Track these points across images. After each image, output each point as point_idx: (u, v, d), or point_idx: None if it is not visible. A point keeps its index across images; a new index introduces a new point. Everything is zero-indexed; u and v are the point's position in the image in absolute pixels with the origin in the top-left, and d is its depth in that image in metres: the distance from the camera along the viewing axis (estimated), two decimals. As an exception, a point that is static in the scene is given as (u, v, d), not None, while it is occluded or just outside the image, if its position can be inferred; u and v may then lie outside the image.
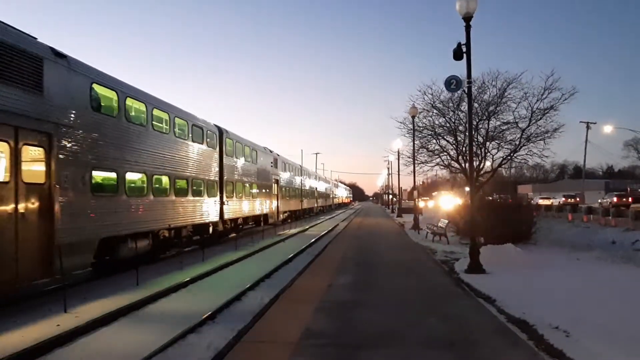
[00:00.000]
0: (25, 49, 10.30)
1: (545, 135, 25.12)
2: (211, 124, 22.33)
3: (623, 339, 6.66)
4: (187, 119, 19.31)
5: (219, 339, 8.01)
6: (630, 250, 17.56)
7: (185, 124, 19.07)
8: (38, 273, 10.27)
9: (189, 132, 19.24)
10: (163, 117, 17.25)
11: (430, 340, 6.87)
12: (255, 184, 29.40)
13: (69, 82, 11.71)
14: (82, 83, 12.35)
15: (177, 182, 17.84)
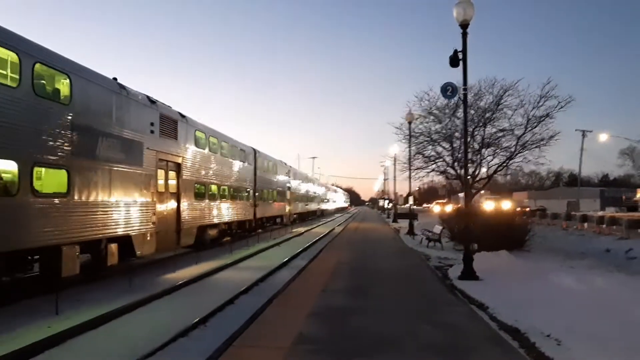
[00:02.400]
0: (171, 116, 17.59)
1: (540, 143, 25.11)
2: (249, 146, 29.59)
3: (614, 349, 6.65)
4: (237, 145, 26.88)
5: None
6: (624, 259, 17.54)
7: (237, 149, 26.76)
8: (175, 243, 17.81)
9: (237, 155, 26.53)
10: (225, 145, 24.57)
11: (423, 347, 6.86)
12: (276, 190, 36.86)
13: (186, 131, 18.96)
14: (190, 131, 19.53)
15: (231, 191, 24.96)
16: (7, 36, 9.84)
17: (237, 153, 26.38)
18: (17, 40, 10.15)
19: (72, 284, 12.02)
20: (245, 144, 28.74)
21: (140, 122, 15.06)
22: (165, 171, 16.94)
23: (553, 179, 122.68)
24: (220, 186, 22.79)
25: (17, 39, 10.16)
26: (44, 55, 10.98)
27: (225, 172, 24.00)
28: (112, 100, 13.52)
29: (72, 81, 11.76)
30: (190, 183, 19.13)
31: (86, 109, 12.25)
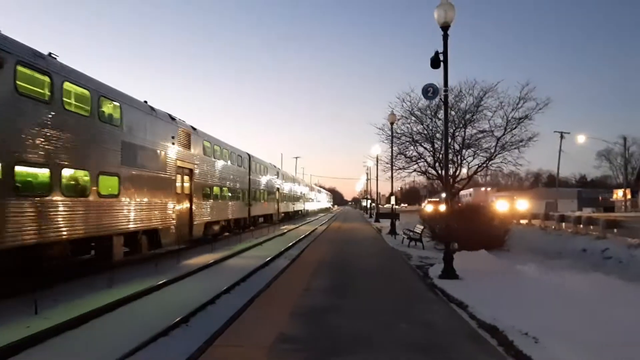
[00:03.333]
0: (186, 130, 20.65)
1: (519, 144, 25.49)
2: (244, 152, 32.79)
3: (590, 346, 6.74)
4: (235, 151, 30.21)
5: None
6: (600, 259, 17.77)
7: (235, 154, 30.10)
8: (188, 235, 20.69)
9: (235, 160, 29.80)
10: (226, 152, 27.70)
11: (404, 345, 6.93)
12: (267, 191, 40.27)
13: (196, 142, 22.08)
14: (200, 141, 22.63)
15: (230, 192, 27.88)
16: (83, 78, 13.36)
17: (235, 158, 29.79)
18: (89, 80, 13.52)
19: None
20: (241, 150, 32.11)
21: (164, 136, 18.38)
22: (181, 176, 20.10)
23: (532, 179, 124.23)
24: (222, 188, 26.08)
25: (88, 79, 13.56)
26: (105, 90, 14.33)
27: (226, 175, 27.20)
28: (146, 120, 16.89)
29: (122, 108, 15.23)
30: (200, 186, 22.28)
31: (130, 129, 15.62)
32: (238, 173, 30.23)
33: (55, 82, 11.96)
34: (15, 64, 10.46)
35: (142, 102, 17.14)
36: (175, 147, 19.39)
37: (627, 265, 15.88)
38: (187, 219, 20.66)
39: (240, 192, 30.44)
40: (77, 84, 13.05)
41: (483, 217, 20.42)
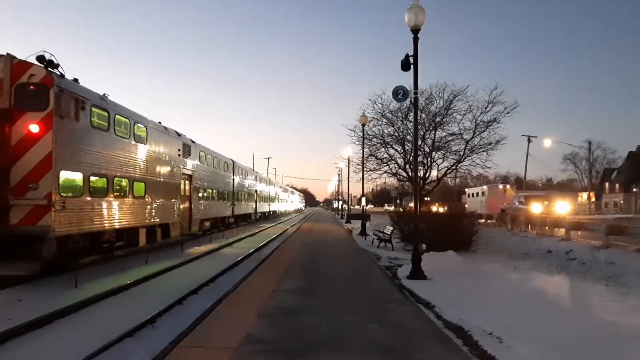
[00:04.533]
0: (187, 143, 24.70)
1: (487, 147, 25.95)
2: (229, 158, 37.60)
3: (553, 345, 6.90)
4: (223, 159, 34.80)
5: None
6: (565, 260, 18.14)
7: (223, 161, 34.58)
8: (188, 230, 24.59)
9: (222, 166, 34.27)
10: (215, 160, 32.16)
11: (371, 345, 7.01)
12: (247, 193, 45.35)
13: (195, 152, 26.30)
14: (197, 151, 26.84)
15: (219, 194, 32.41)
16: (124, 110, 17.59)
17: (222, 164, 34.39)
18: (127, 111, 17.82)
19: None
20: (227, 156, 36.96)
21: (173, 149, 22.65)
22: (184, 180, 24.20)
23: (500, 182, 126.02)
24: (212, 190, 30.64)
25: (127, 110, 17.85)
26: (137, 117, 18.59)
27: (215, 179, 31.64)
28: (161, 137, 21.07)
29: (147, 130, 19.44)
30: (197, 188, 26.59)
31: (152, 145, 19.77)
32: (224, 177, 34.92)
33: (111, 115, 16.22)
34: (90, 106, 14.72)
35: (158, 123, 21.29)
36: (180, 157, 23.75)
37: (590, 267, 16.31)
38: (188, 216, 25.02)
39: (226, 193, 35.09)
40: (122, 115, 17.16)
41: (451, 219, 20.62)
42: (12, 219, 12.40)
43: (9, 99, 12.65)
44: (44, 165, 12.63)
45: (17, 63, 12.86)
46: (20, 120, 12.67)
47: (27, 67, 12.90)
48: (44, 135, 12.70)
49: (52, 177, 12.69)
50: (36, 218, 12.48)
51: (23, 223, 12.47)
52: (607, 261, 16.83)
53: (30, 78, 12.88)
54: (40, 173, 12.60)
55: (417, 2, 13.17)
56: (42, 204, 12.53)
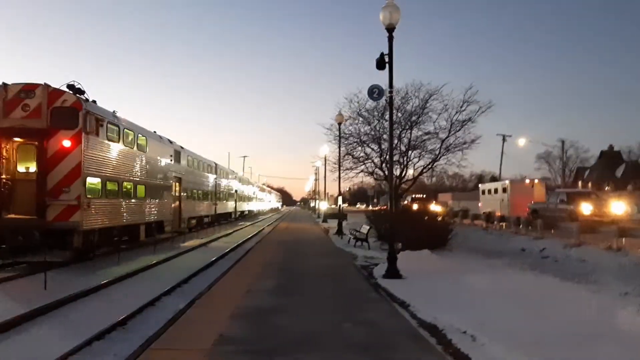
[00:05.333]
0: (177, 150, 28.46)
1: (463, 146, 26.18)
2: (212, 161, 41.59)
3: (525, 343, 7.06)
4: (207, 162, 38.76)
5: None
6: (538, 258, 18.40)
7: (207, 164, 38.31)
8: (178, 227, 28.00)
9: (206, 168, 38.01)
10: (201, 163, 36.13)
11: (345, 344, 7.14)
12: (228, 193, 49.41)
13: (183, 156, 29.89)
14: (185, 156, 30.33)
15: (203, 194, 36.16)
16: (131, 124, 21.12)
17: (206, 167, 38.04)
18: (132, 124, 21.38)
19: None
20: (210, 159, 40.92)
21: (166, 155, 26.24)
22: (175, 183, 27.76)
23: (476, 181, 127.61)
24: (198, 191, 34.37)
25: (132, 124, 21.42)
26: (139, 130, 22.18)
27: (201, 181, 35.56)
28: (157, 145, 24.65)
29: (147, 140, 22.95)
30: (185, 190, 30.09)
31: (150, 152, 23.24)
32: (208, 179, 38.66)
33: (120, 129, 19.56)
34: (107, 123, 18.08)
35: (154, 132, 24.74)
36: (172, 162, 27.25)
37: (563, 264, 16.58)
38: (178, 214, 28.50)
39: (209, 194, 38.87)
40: (128, 129, 20.59)
41: (427, 218, 20.73)
42: (48, 216, 15.62)
43: (47, 120, 16.00)
44: (75, 173, 16.00)
45: (52, 91, 16.31)
46: (55, 137, 15.96)
47: (61, 94, 16.36)
48: (74, 149, 16.06)
49: (81, 182, 16.08)
50: (68, 215, 15.79)
51: (57, 219, 15.69)
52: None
53: (63, 103, 16.27)
54: (71, 179, 15.95)
55: (391, 1, 13.25)
56: (73, 204, 15.83)
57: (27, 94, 16.20)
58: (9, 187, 15.91)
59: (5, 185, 15.82)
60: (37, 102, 16.09)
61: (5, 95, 16.09)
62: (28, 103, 16.13)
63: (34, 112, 16.10)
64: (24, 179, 16.17)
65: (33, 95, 16.14)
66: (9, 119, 15.98)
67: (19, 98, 16.13)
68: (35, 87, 16.22)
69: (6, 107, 16.09)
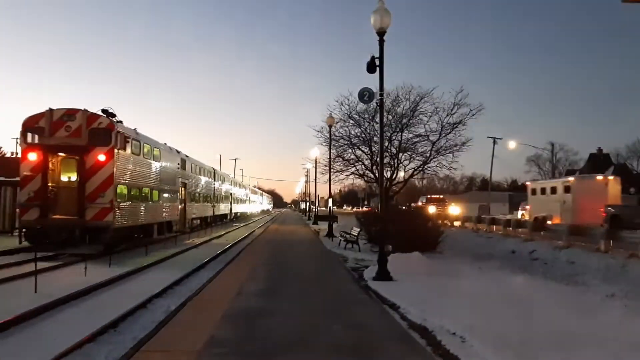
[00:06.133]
0: (184, 158, 32.78)
1: (453, 149, 26.36)
2: (211, 167, 46.70)
3: (514, 344, 7.20)
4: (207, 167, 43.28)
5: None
6: (528, 260, 18.58)
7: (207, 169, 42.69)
8: (183, 227, 32.68)
9: (206, 173, 42.21)
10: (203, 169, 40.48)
11: (336, 346, 7.30)
12: (225, 196, 53.93)
13: (188, 164, 34.08)
14: (189, 163, 34.65)
15: (204, 197, 40.73)
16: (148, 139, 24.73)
17: (206, 172, 42.57)
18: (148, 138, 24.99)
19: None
20: (209, 165, 46.36)
21: (175, 164, 30.41)
22: (181, 188, 31.84)
23: (466, 183, 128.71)
24: (200, 194, 38.99)
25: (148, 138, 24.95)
26: (154, 143, 25.99)
27: (202, 185, 39.99)
28: (168, 155, 28.73)
29: (160, 151, 27.01)
30: (189, 194, 34.44)
31: (163, 162, 27.13)
32: (208, 183, 42.94)
33: (141, 144, 23.38)
34: (131, 139, 21.80)
35: (164, 144, 28.75)
36: (179, 170, 31.45)
37: (552, 266, 16.74)
38: (183, 215, 32.59)
39: (209, 197, 43.36)
40: (146, 143, 24.52)
41: (418, 220, 20.81)
42: (87, 217, 19.28)
43: (86, 138, 19.61)
44: (108, 182, 19.64)
45: (90, 114, 19.90)
46: (92, 152, 19.57)
47: (97, 117, 20.00)
48: (108, 162, 19.67)
49: (113, 189, 19.75)
50: (103, 216, 19.40)
51: (94, 219, 19.30)
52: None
53: (99, 124, 19.84)
54: (105, 187, 19.60)
55: (382, 5, 13.36)
56: (107, 206, 19.47)
57: (69, 117, 19.71)
58: (54, 193, 19.75)
59: (52, 192, 19.60)
60: (77, 124, 19.61)
61: (51, 118, 19.57)
62: (70, 124, 19.62)
63: (75, 132, 19.66)
64: (66, 186, 20.11)
65: (74, 118, 19.66)
66: (54, 138, 19.56)
67: (62, 120, 19.66)
68: (76, 112, 19.78)
69: (52, 128, 19.61)
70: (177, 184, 30.58)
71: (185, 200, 32.50)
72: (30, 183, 19.24)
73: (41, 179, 19.25)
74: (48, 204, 19.23)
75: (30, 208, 19.12)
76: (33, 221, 19.08)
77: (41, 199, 19.13)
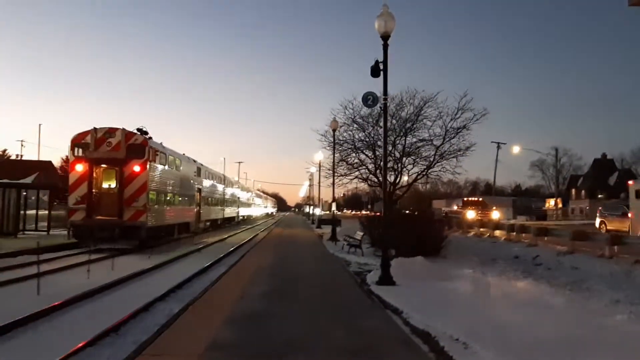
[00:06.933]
0: (199, 166, 38.52)
1: (457, 153, 26.32)
2: (221, 173, 54.21)
3: (517, 350, 7.24)
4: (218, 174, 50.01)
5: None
6: (531, 265, 18.47)
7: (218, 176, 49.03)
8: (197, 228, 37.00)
9: (217, 179, 48.09)
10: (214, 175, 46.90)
11: (337, 351, 7.49)
12: (232, 200, 59.97)
13: (202, 171, 40.08)
14: (204, 171, 40.87)
15: (215, 201, 46.33)
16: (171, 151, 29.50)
17: (217, 178, 48.40)
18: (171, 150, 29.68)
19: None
20: (220, 172, 53.31)
21: (192, 172, 35.41)
22: (196, 193, 36.64)
23: (470, 188, 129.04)
24: (211, 198, 44.32)
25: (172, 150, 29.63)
26: (176, 154, 30.80)
27: (214, 190, 45.75)
28: (187, 164, 33.76)
29: (181, 161, 32.11)
30: (203, 198, 39.56)
31: (183, 171, 32.16)
32: (219, 188, 48.63)
33: (166, 155, 27.70)
34: (159, 152, 26.05)
35: (183, 154, 33.53)
36: (195, 177, 36.40)
37: (555, 272, 16.60)
38: (198, 217, 37.30)
39: (219, 201, 49.00)
40: (171, 155, 29.05)
41: (421, 225, 20.72)
42: (125, 217, 23.40)
43: (124, 153, 23.64)
44: (142, 189, 23.69)
45: (128, 132, 23.99)
46: (129, 164, 23.65)
47: (134, 135, 24.19)
48: (142, 172, 23.70)
49: (146, 194, 23.81)
50: (138, 217, 23.52)
51: (131, 220, 23.39)
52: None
53: (135, 141, 24.02)
54: (140, 193, 23.64)
55: (386, 10, 13.40)
56: (141, 209, 23.53)
57: (110, 135, 23.61)
58: (97, 198, 23.67)
59: (95, 197, 23.59)
60: (117, 140, 23.59)
61: (95, 135, 23.53)
62: (111, 141, 23.55)
63: (115, 147, 23.69)
64: (107, 192, 23.87)
65: (114, 136, 23.63)
66: (98, 152, 23.66)
67: (104, 137, 23.61)
68: (115, 130, 23.83)
69: (96, 144, 23.65)
70: (194, 189, 35.45)
71: (200, 203, 37.55)
72: (78, 189, 23.29)
73: (87, 186, 23.23)
74: (92, 206, 23.16)
75: (77, 210, 23.14)
76: (80, 221, 23.01)
77: (86, 202, 23.13)
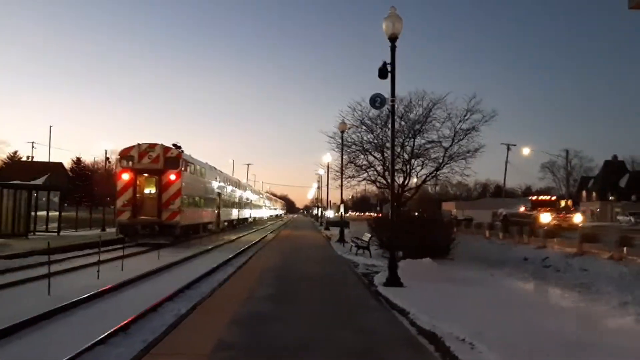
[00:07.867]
0: (218, 172, 45.20)
1: (466, 155, 26.39)
2: (236, 178, 64.19)
3: (523, 351, 7.31)
4: (234, 179, 58.85)
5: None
6: (540, 267, 18.42)
7: (234, 180, 57.76)
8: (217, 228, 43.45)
9: (234, 183, 55.39)
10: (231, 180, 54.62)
11: (344, 351, 7.68)
12: (244, 202, 64.65)
13: (221, 177, 46.28)
14: (222, 176, 47.71)
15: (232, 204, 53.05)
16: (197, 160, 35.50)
17: (233, 183, 55.25)
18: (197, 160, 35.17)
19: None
20: (235, 177, 63.49)
21: (213, 178, 41.18)
22: (216, 197, 42.52)
23: (480, 189, 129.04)
24: (229, 201, 50.39)
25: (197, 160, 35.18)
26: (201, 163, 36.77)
27: (230, 194, 51.79)
28: (209, 172, 39.65)
29: (205, 169, 38.37)
30: (222, 201, 45.07)
31: (206, 177, 38.27)
32: (234, 192, 54.49)
33: (195, 165, 33.30)
34: (190, 163, 31.68)
35: (206, 163, 38.75)
36: (215, 182, 41.85)
37: (564, 274, 16.58)
38: (218, 218, 43.16)
39: (235, 204, 55.17)
40: (196, 164, 34.43)
41: (429, 226, 20.69)
42: (162, 217, 28.40)
43: (162, 164, 28.69)
44: (177, 194, 28.68)
45: (165, 147, 29.07)
46: (166, 173, 28.70)
47: (170, 149, 29.28)
48: (177, 180, 28.65)
49: (180, 199, 28.78)
50: (173, 217, 28.47)
51: (168, 219, 28.37)
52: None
53: (171, 154, 29.13)
54: (175, 197, 28.66)
55: (394, 11, 13.45)
56: (176, 211, 28.50)
57: (151, 149, 28.62)
58: (140, 201, 28.76)
59: (139, 200, 28.67)
60: (156, 154, 28.68)
61: (139, 150, 28.56)
62: (151, 154, 28.58)
63: (155, 159, 28.77)
64: (148, 197, 29.04)
65: (154, 150, 28.68)
66: (140, 163, 28.74)
67: (146, 151, 28.62)
68: (155, 145, 28.95)
69: (139, 157, 28.72)
70: (214, 193, 41.38)
71: (219, 206, 43.53)
72: (124, 194, 28.30)
73: (132, 192, 28.32)
74: (136, 208, 28.27)
75: (124, 211, 28.13)
76: (126, 220, 28.07)
77: (131, 205, 28.19)
